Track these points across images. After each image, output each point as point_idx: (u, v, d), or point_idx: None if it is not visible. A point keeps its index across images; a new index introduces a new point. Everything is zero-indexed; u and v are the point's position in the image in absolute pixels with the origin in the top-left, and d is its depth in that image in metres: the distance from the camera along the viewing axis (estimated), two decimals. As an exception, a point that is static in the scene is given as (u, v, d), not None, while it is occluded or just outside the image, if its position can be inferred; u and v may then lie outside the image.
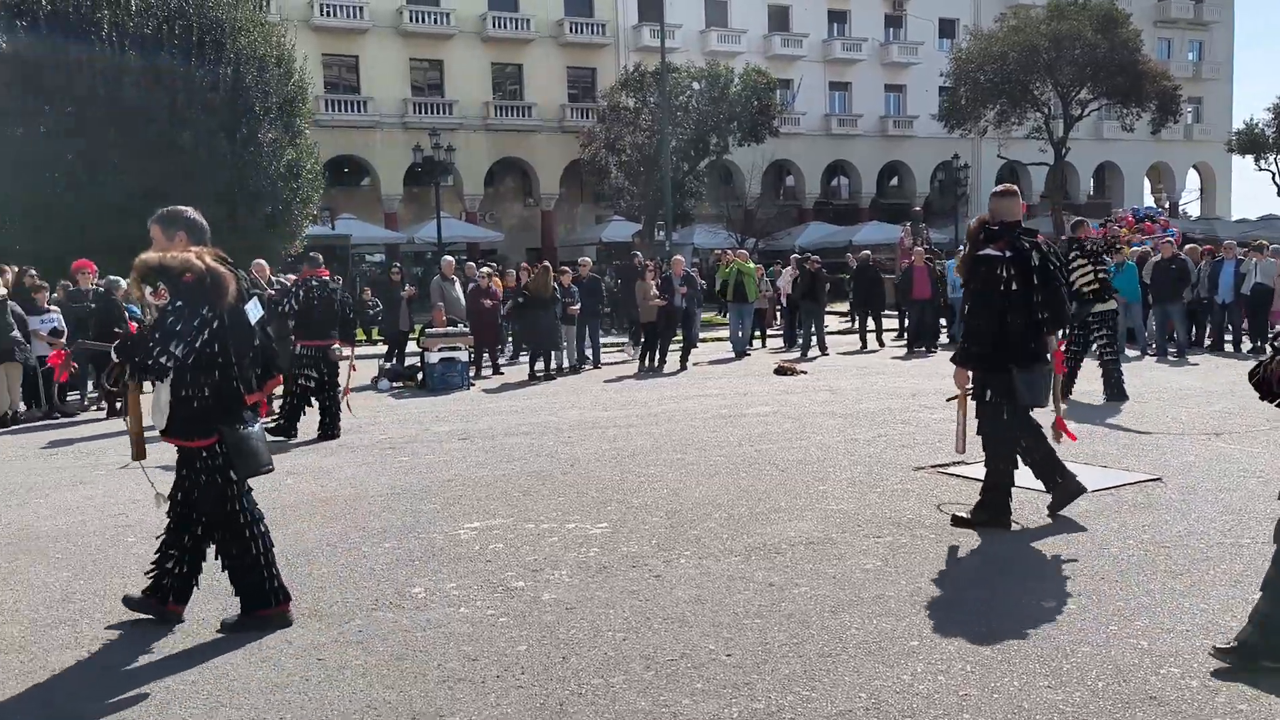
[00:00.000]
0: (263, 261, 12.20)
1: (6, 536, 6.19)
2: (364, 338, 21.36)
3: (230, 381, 4.44)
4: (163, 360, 4.22)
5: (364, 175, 41.17)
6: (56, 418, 11.53)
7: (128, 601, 4.59)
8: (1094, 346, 11.11)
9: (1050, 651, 3.91)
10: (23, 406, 11.54)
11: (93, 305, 11.69)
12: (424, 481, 7.45)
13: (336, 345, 10.09)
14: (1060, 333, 5.87)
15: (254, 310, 4.64)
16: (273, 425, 9.66)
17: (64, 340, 11.51)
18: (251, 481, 4.60)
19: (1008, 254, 5.53)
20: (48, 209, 19.12)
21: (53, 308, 11.76)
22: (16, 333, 11.00)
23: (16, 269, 12.52)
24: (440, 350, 13.89)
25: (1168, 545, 5.24)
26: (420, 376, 14.10)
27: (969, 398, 5.84)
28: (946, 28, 49.48)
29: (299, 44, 25.47)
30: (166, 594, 4.54)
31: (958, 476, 7.03)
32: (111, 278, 11.76)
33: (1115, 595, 4.52)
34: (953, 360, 5.93)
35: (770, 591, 4.71)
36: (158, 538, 4.67)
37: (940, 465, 7.40)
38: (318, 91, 36.23)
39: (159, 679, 3.92)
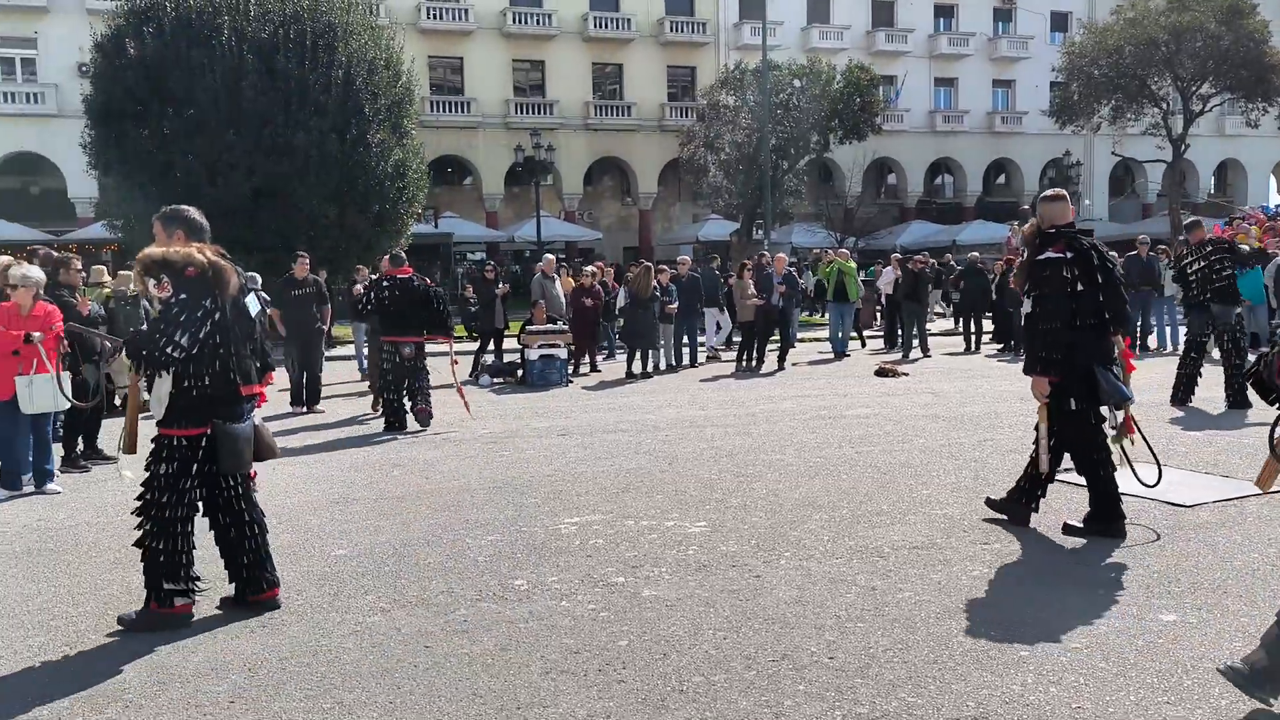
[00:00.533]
0: (305, 256, 12.62)
1: (131, 521, 6.48)
2: (463, 334, 21.80)
3: (228, 373, 4.56)
4: (170, 351, 4.36)
5: (466, 175, 41.95)
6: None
7: (121, 620, 4.58)
8: (1216, 351, 10.64)
9: (1170, 667, 3.76)
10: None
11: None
12: (525, 476, 7.56)
13: (414, 341, 10.30)
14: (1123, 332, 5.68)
15: (254, 304, 4.78)
16: (383, 422, 10.00)
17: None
18: (359, 476, 4.72)
19: (1069, 254, 5.44)
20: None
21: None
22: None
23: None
24: (540, 347, 14.07)
25: (1297, 560, 4.99)
26: (520, 373, 14.31)
27: (1048, 408, 5.60)
28: (1059, 21, 47.94)
29: (406, 46, 26.07)
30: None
31: (1070, 483, 6.80)
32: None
33: (1239, 610, 4.32)
34: (1026, 371, 5.68)
35: (873, 595, 4.64)
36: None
37: (1059, 471, 7.17)
38: (423, 93, 37.05)
39: (269, 659, 4.06)
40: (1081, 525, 5.59)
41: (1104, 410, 5.55)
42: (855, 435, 9.06)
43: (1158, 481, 5.80)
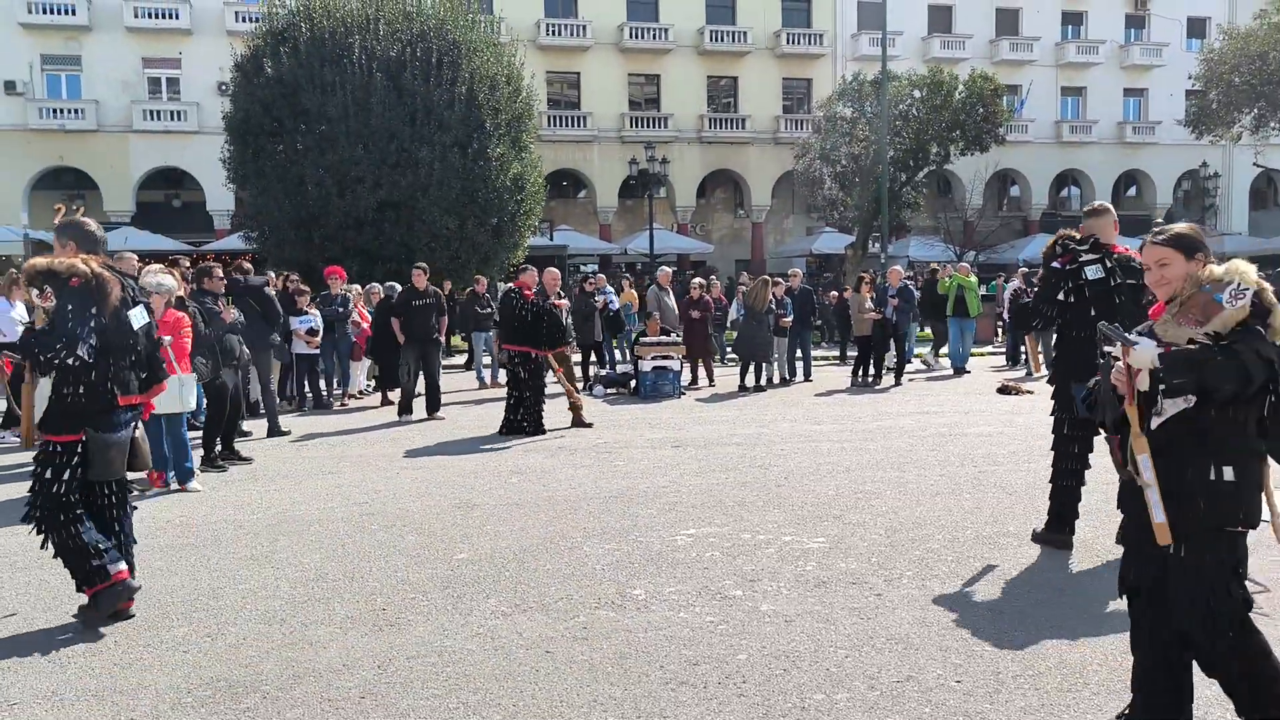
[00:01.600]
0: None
1: (267, 519, 6.78)
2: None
3: (105, 383, 4.64)
4: (69, 361, 4.44)
5: (581, 187, 42.53)
6: (306, 410, 12.57)
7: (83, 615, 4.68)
8: None
9: None
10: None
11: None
12: (640, 486, 7.60)
13: (520, 350, 10.56)
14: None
15: (138, 316, 4.82)
16: (524, 428, 10.29)
17: (319, 339, 12.57)
18: (479, 482, 4.82)
19: (1068, 268, 5.63)
20: (311, 219, 20.88)
21: (312, 309, 12.79)
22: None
23: (285, 274, 13.67)
24: (653, 358, 14.14)
25: None
26: (633, 384, 14.40)
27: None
28: (1196, 26, 45.91)
29: (526, 62, 26.62)
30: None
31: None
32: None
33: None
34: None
35: (1000, 620, 4.51)
36: None
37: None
38: (541, 107, 37.77)
39: (397, 658, 4.18)
40: (1040, 532, 5.80)
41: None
42: (979, 454, 8.82)
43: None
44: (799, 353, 16.25)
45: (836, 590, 4.96)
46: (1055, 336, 5.92)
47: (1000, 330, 20.75)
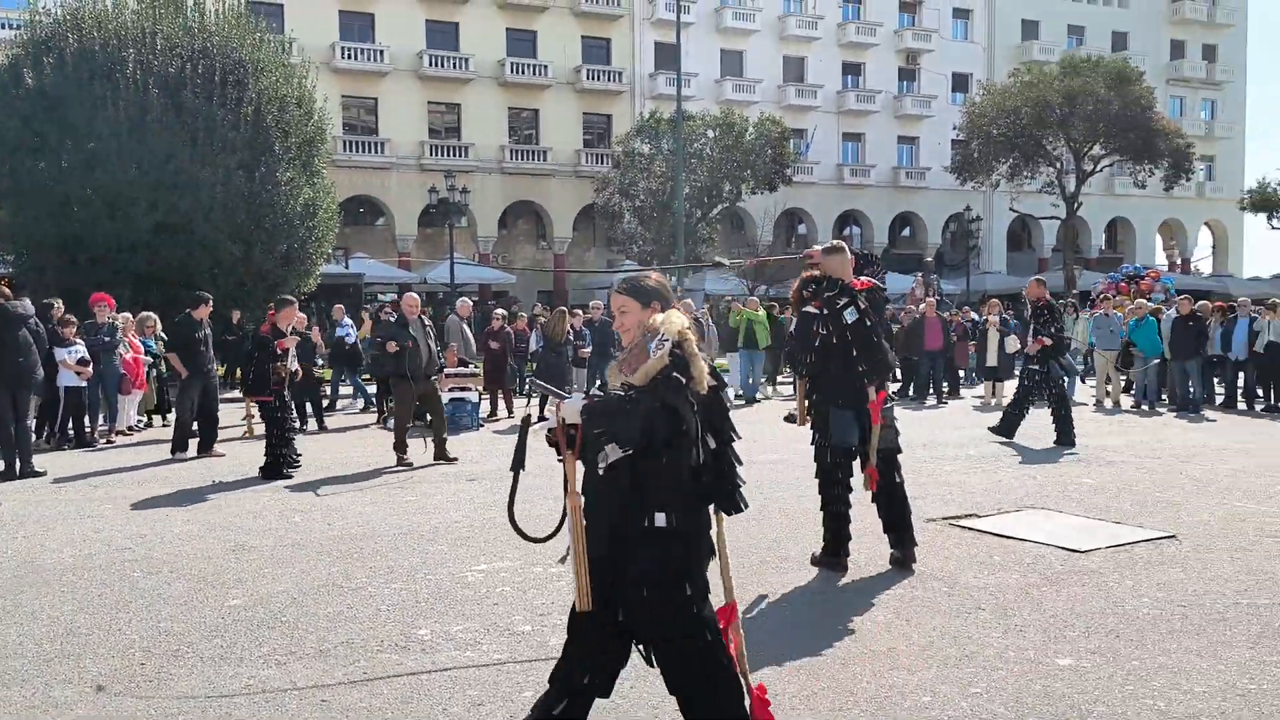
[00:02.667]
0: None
1: (10, 569, 6.17)
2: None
3: None
4: None
5: (379, 215, 41.55)
6: (66, 447, 11.59)
7: None
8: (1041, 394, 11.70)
9: (1066, 711, 3.84)
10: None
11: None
12: (432, 522, 7.41)
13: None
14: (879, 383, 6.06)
15: None
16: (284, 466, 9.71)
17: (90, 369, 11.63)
18: (258, 523, 4.57)
19: (824, 312, 5.91)
20: (76, 241, 19.34)
21: (78, 339, 11.83)
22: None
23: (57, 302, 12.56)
24: (451, 390, 13.89)
25: (1184, 604, 5.17)
26: (429, 417, 14.08)
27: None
28: (960, 81, 49.95)
29: (319, 85, 25.80)
30: None
31: (969, 529, 6.97)
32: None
33: (1131, 654, 4.45)
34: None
35: (779, 643, 4.65)
36: None
37: (952, 518, 7.34)
38: (336, 132, 36.71)
39: (154, 717, 3.87)
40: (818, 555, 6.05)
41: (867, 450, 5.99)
42: (765, 480, 9.12)
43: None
44: (598, 383, 16.38)
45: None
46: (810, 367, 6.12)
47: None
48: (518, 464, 3.39)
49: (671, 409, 3.00)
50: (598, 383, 3.32)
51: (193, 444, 11.23)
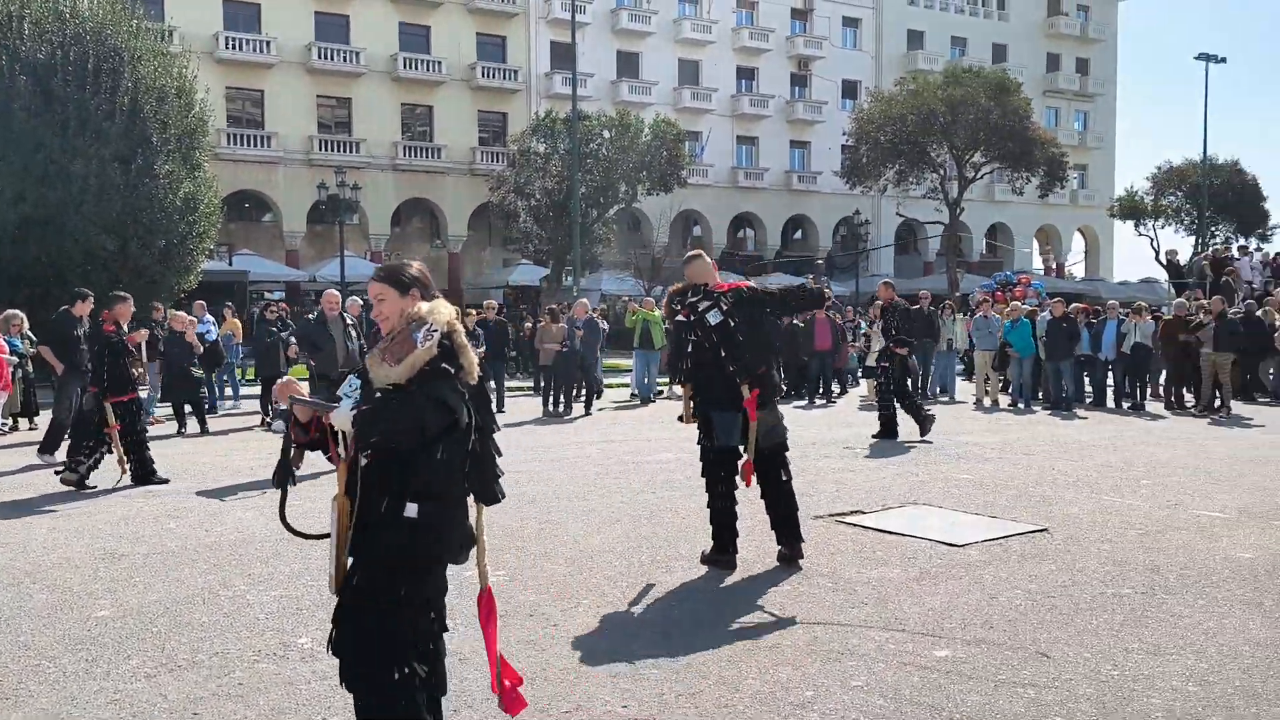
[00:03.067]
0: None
1: None
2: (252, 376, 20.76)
3: None
4: None
5: (265, 211, 40.37)
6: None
7: None
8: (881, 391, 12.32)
9: (942, 701, 3.95)
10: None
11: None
12: (317, 527, 7.19)
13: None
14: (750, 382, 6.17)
15: None
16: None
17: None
18: (130, 529, 4.38)
19: (691, 318, 6.04)
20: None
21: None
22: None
23: None
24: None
25: (1053, 595, 5.38)
26: (317, 418, 13.73)
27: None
28: (849, 89, 51.18)
29: (202, 76, 24.90)
30: None
31: (854, 525, 7.13)
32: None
33: (1005, 644, 4.61)
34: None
35: (668, 641, 4.67)
36: None
37: (838, 514, 7.50)
38: (220, 125, 35.51)
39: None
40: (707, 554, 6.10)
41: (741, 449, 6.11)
42: (658, 480, 9.18)
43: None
44: (492, 383, 16.22)
45: (513, 623, 4.93)
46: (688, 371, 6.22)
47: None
48: (283, 477, 3.50)
49: (440, 401, 2.97)
50: (354, 373, 3.26)
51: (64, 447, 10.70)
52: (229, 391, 17.07)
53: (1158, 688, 4.07)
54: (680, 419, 6.45)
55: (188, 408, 13.53)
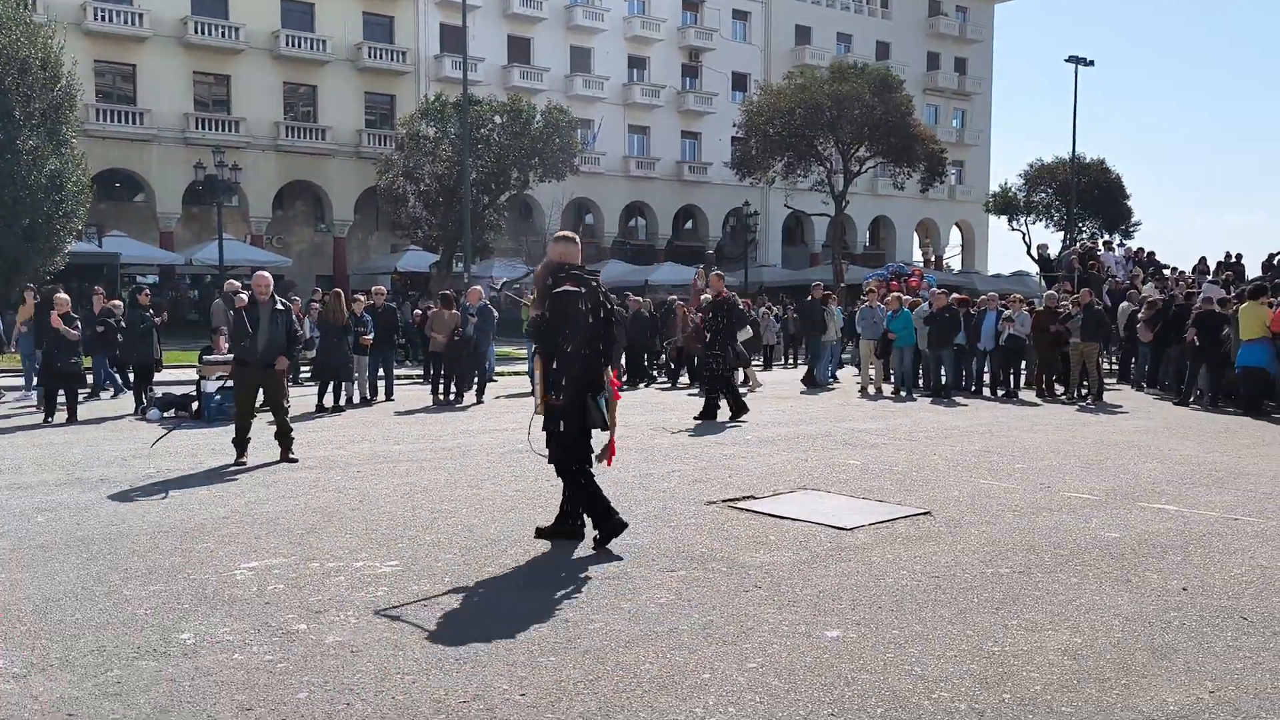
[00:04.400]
0: None
1: None
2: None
3: None
4: None
5: (138, 191, 38.65)
6: None
7: None
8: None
9: (833, 680, 4.05)
10: None
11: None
12: (197, 518, 6.95)
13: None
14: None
15: None
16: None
17: None
18: (17, 520, 4.13)
19: (583, 289, 6.06)
20: None
21: None
22: None
23: None
24: (219, 378, 13.08)
25: (938, 575, 5.57)
26: (195, 406, 13.24)
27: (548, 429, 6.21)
28: (739, 81, 51.84)
29: (68, 48, 23.64)
30: None
31: (747, 510, 7.24)
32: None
33: (892, 624, 4.75)
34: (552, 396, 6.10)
35: (566, 627, 4.67)
36: None
37: (731, 500, 7.61)
38: (89, 100, 33.81)
39: None
40: (550, 526, 6.34)
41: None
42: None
43: None
44: (380, 371, 15.90)
45: (408, 614, 4.85)
46: (569, 352, 6.02)
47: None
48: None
49: None
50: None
51: None
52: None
53: (1035, 663, 4.26)
54: (552, 397, 6.07)
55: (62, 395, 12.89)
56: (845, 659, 4.29)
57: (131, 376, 14.84)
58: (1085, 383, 16.09)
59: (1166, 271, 24.97)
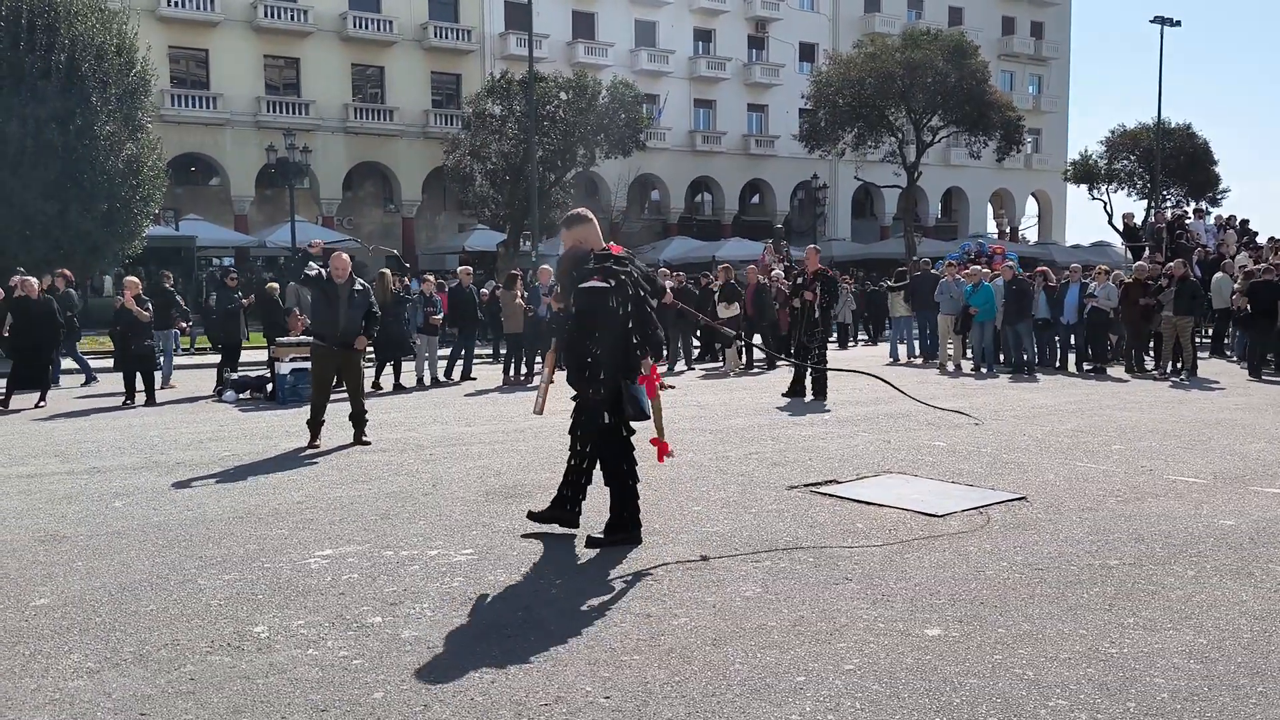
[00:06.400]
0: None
1: None
2: (205, 345, 20.17)
3: None
4: None
5: (212, 174, 39.32)
6: None
7: None
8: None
9: (939, 685, 3.77)
10: None
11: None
12: (271, 503, 6.89)
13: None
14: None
15: None
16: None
17: None
18: (73, 509, 4.04)
19: (612, 283, 5.53)
20: None
21: None
22: None
23: None
24: (293, 360, 13.14)
25: (1041, 568, 5.23)
26: (270, 388, 13.32)
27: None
28: (806, 51, 50.85)
29: (143, 34, 23.98)
30: None
31: (830, 496, 6.95)
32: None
33: (997, 622, 4.44)
34: (582, 390, 5.67)
35: (648, 623, 4.45)
36: None
37: (813, 484, 7.32)
38: (163, 85, 34.39)
39: (-56, 745, 3.36)
40: (602, 536, 5.69)
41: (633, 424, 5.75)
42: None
43: None
44: (462, 352, 15.87)
45: (484, 607, 4.68)
46: (601, 351, 5.56)
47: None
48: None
49: None
50: None
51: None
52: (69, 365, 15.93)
53: (1159, 667, 3.92)
54: (591, 392, 5.56)
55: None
56: (949, 660, 4.00)
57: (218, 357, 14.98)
58: (1179, 358, 15.39)
59: (1260, 240, 23.82)
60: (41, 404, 12.62)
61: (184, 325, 16.41)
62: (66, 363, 15.66)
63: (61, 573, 5.28)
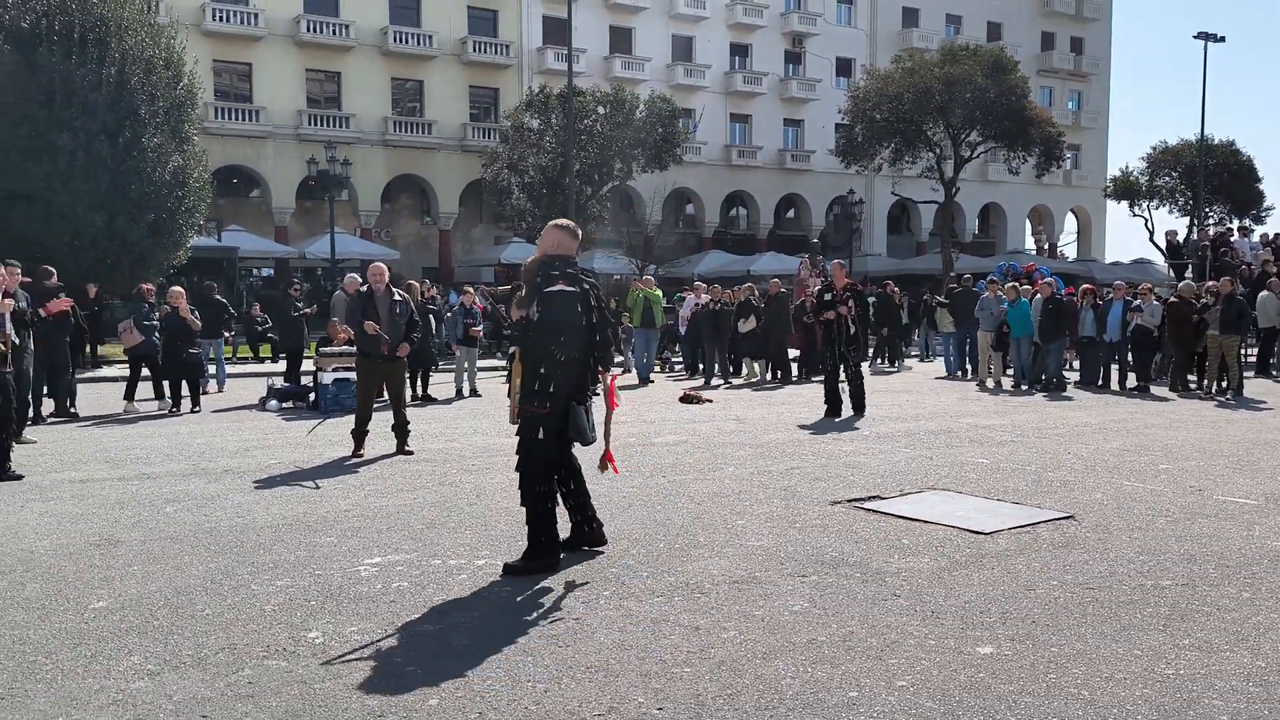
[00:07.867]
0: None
1: None
2: (248, 354, 20.44)
3: None
4: None
5: (254, 186, 39.87)
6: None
7: None
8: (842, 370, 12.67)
9: (993, 704, 3.74)
10: None
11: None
12: (318, 511, 6.97)
13: None
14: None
15: None
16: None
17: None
18: (127, 514, 4.12)
19: (578, 290, 5.46)
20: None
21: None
22: None
23: None
24: (335, 369, 13.29)
25: (1093, 587, 5.18)
26: (312, 397, 13.47)
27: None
28: (844, 66, 50.78)
29: (189, 48, 24.42)
30: None
31: (875, 511, 6.92)
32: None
33: (1049, 641, 4.40)
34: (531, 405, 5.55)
35: (698, 635, 4.45)
36: None
37: (856, 500, 7.29)
38: (207, 98, 34.97)
39: (13, 743, 3.43)
40: (520, 563, 5.47)
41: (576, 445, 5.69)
42: (666, 464, 8.95)
43: None
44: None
45: (530, 620, 4.71)
46: (561, 359, 5.45)
47: (676, 343, 21.58)
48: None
49: None
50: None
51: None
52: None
53: (1217, 689, 3.87)
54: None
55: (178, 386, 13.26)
56: (1003, 679, 3.97)
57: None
58: (1224, 376, 15.17)
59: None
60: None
61: (227, 335, 16.71)
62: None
63: (118, 576, 5.38)
